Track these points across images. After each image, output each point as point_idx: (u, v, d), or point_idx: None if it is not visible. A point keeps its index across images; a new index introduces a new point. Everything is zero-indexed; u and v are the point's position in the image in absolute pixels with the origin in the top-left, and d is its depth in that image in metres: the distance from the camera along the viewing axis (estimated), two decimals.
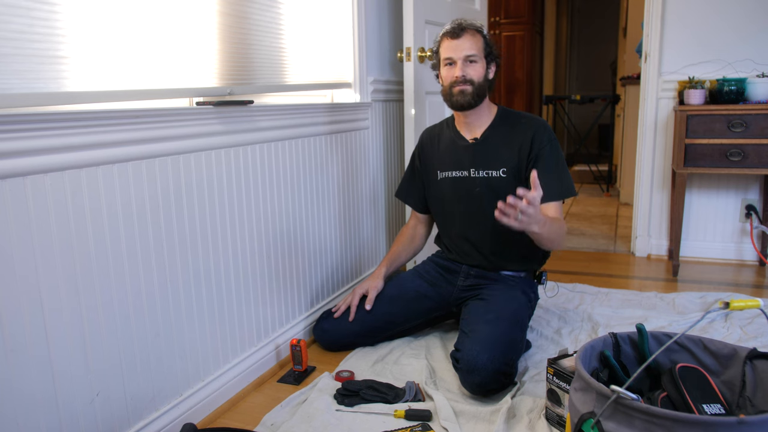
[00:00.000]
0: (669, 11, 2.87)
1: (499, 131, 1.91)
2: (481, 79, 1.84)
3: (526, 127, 1.87)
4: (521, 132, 1.87)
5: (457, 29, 1.83)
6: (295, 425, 1.49)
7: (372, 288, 1.99)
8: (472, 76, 1.83)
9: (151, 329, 1.39)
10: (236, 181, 1.66)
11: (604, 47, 7.35)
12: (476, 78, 1.83)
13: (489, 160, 1.89)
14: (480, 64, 1.84)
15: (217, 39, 1.58)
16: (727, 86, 2.60)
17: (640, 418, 1.01)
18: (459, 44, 1.82)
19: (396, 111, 2.72)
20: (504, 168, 1.87)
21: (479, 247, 1.94)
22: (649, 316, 2.16)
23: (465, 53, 1.82)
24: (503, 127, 1.91)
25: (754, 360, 1.24)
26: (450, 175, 1.95)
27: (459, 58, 1.83)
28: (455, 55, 1.83)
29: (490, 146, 1.90)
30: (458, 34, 1.83)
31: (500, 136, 1.90)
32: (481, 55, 1.85)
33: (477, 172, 1.90)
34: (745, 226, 2.90)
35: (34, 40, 1.10)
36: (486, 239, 1.92)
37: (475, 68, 1.84)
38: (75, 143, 1.16)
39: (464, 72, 1.82)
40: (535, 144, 1.84)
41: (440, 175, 1.98)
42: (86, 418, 1.23)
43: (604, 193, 5.07)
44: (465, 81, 1.83)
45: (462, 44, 1.82)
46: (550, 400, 1.46)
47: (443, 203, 2.00)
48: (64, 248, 1.16)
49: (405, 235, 2.16)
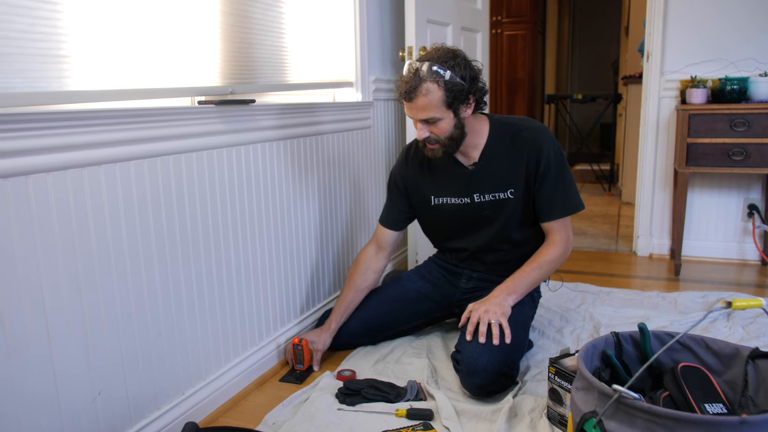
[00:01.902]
0: (671, 10, 2.87)
1: (499, 149, 1.78)
2: (447, 133, 1.67)
3: (529, 141, 1.75)
4: (525, 146, 1.75)
5: (408, 90, 1.62)
6: (297, 424, 1.49)
7: (318, 349, 1.84)
8: (438, 135, 1.67)
9: (152, 328, 1.39)
10: (238, 181, 1.66)
11: (606, 46, 7.33)
12: (442, 134, 1.67)
13: (494, 182, 1.78)
14: (444, 120, 1.65)
15: (218, 38, 1.58)
16: (730, 85, 2.59)
17: (642, 417, 1.01)
18: (412, 107, 1.65)
19: (398, 110, 2.72)
20: (511, 189, 1.78)
21: (484, 259, 1.90)
22: (651, 315, 2.15)
23: (420, 117, 1.65)
24: (502, 144, 1.78)
25: (756, 359, 1.24)
26: (449, 201, 1.85)
27: (418, 120, 1.67)
28: (414, 117, 1.68)
29: (493, 168, 1.78)
30: (410, 97, 1.63)
31: (502, 155, 1.78)
32: (443, 110, 1.63)
33: (483, 197, 1.80)
34: (748, 225, 2.90)
35: (36, 39, 1.10)
36: (492, 250, 1.88)
37: (439, 127, 1.66)
38: (77, 142, 1.17)
39: (426, 135, 1.68)
40: (542, 160, 1.73)
41: (435, 201, 1.86)
42: (88, 417, 1.23)
43: (606, 192, 5.06)
44: (430, 141, 1.70)
45: (415, 107, 1.64)
46: (551, 400, 1.46)
47: (443, 224, 1.91)
48: (66, 247, 1.16)
49: (357, 274, 1.93)
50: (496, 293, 1.71)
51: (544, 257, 1.77)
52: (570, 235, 1.81)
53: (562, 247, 1.78)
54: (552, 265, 1.77)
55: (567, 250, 1.80)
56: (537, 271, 1.75)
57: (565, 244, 1.79)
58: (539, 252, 1.79)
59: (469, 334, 1.62)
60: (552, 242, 1.79)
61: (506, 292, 1.71)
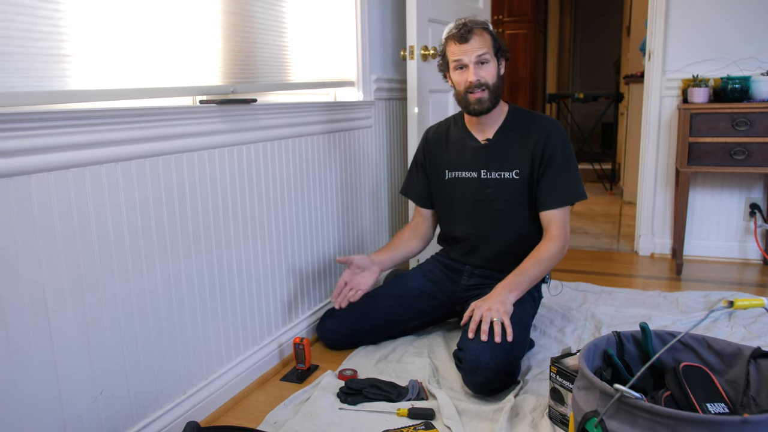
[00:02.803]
0: (673, 9, 2.86)
1: (512, 131, 1.87)
2: (495, 79, 1.80)
3: (540, 128, 1.84)
4: (535, 133, 1.83)
5: (464, 32, 1.76)
6: (298, 423, 1.49)
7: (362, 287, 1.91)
8: (487, 79, 1.78)
9: (154, 327, 1.39)
10: (239, 180, 1.66)
11: (608, 45, 7.33)
12: (491, 80, 1.79)
13: (502, 161, 1.86)
14: (492, 64, 1.79)
15: (220, 37, 1.58)
16: (732, 84, 2.59)
17: (644, 417, 1.01)
18: (468, 48, 1.76)
19: (399, 109, 2.72)
20: (517, 170, 1.84)
21: (484, 249, 1.93)
22: (653, 315, 2.15)
23: (476, 54, 1.76)
24: (516, 127, 1.88)
25: (758, 359, 1.24)
26: (459, 176, 1.93)
27: (470, 62, 1.77)
28: (466, 58, 1.77)
29: (503, 147, 1.87)
30: (466, 37, 1.76)
31: (513, 136, 1.87)
32: (492, 53, 1.78)
33: (489, 174, 1.87)
34: (749, 224, 2.89)
35: (38, 38, 1.10)
36: (492, 241, 1.91)
37: (488, 69, 1.78)
38: (79, 141, 1.17)
39: (478, 76, 1.77)
40: (548, 147, 1.81)
41: (448, 175, 1.96)
42: (90, 416, 1.23)
43: (608, 191, 5.06)
44: (480, 85, 1.77)
45: (471, 47, 1.76)
46: (553, 399, 1.46)
47: (451, 203, 1.98)
48: (68, 246, 1.16)
49: (405, 232, 2.10)
50: (498, 290, 1.72)
51: (543, 253, 1.79)
52: (567, 231, 1.83)
53: (560, 243, 1.80)
54: (551, 261, 1.79)
55: (564, 247, 1.82)
56: (537, 267, 1.77)
57: (563, 239, 1.81)
58: (538, 248, 1.81)
59: (471, 332, 1.63)
60: (550, 237, 1.81)
61: (507, 289, 1.72)
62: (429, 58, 2.46)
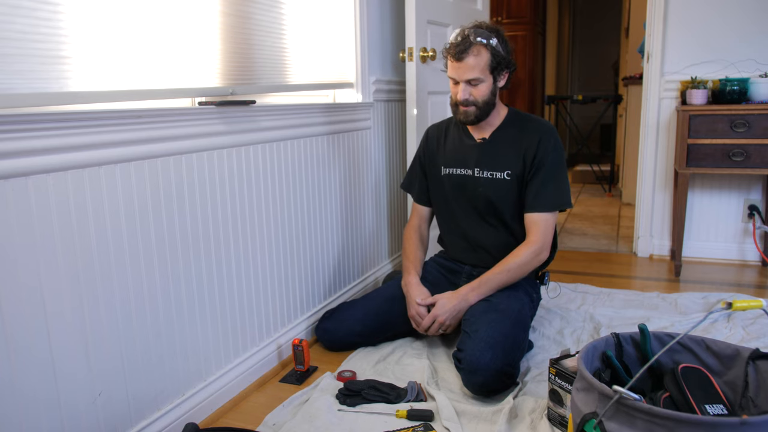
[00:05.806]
0: (671, 12, 2.87)
1: (507, 133, 1.90)
2: (486, 96, 1.81)
3: (533, 132, 1.85)
4: (528, 136, 1.85)
5: (460, 50, 1.76)
6: (297, 425, 1.49)
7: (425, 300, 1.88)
8: (476, 98, 1.81)
9: (153, 329, 1.39)
10: (238, 181, 1.66)
11: (606, 47, 7.33)
12: (480, 98, 1.81)
13: (494, 161, 1.88)
14: (485, 83, 1.80)
15: (219, 39, 1.59)
16: (730, 86, 2.59)
17: (643, 418, 1.01)
18: (461, 66, 1.78)
19: (398, 111, 2.72)
20: (508, 171, 1.86)
21: (479, 247, 1.95)
22: (652, 316, 2.15)
23: (466, 77, 1.78)
24: (512, 129, 1.90)
25: (756, 360, 1.24)
26: (454, 173, 1.95)
27: (462, 81, 1.80)
28: (458, 77, 1.80)
29: (497, 147, 1.89)
30: (460, 57, 1.76)
31: (508, 138, 1.89)
32: (487, 73, 1.78)
33: (481, 172, 1.90)
34: (748, 226, 2.90)
35: (36, 40, 1.10)
36: (485, 239, 1.93)
37: (479, 88, 1.80)
38: (77, 143, 1.17)
39: (466, 95, 1.80)
40: (539, 151, 1.83)
41: (444, 171, 1.98)
42: (88, 418, 1.23)
43: (606, 193, 5.06)
44: (468, 104, 1.82)
45: (464, 67, 1.77)
46: (552, 401, 1.46)
47: (445, 200, 2.00)
48: (67, 248, 1.16)
49: (415, 239, 2.07)
50: (463, 292, 1.82)
51: (515, 261, 1.82)
52: (548, 237, 1.84)
53: (535, 249, 1.82)
54: (522, 269, 1.83)
55: (540, 252, 1.83)
56: (505, 274, 1.83)
57: (540, 244, 1.82)
58: (512, 253, 1.84)
59: (418, 326, 1.86)
60: (527, 242, 1.83)
61: (470, 288, 1.83)
62: (428, 59, 2.47)
